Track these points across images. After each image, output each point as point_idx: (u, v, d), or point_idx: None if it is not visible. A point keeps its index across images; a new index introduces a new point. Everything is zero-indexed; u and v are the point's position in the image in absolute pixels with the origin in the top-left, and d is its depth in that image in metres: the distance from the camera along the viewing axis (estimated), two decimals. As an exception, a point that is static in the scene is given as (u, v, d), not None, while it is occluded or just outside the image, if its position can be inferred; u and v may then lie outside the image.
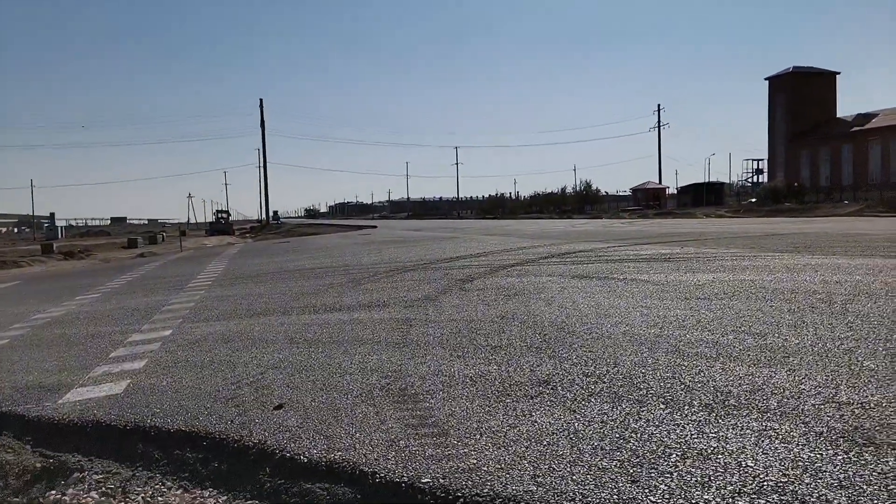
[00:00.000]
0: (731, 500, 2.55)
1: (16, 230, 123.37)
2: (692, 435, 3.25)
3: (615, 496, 2.65)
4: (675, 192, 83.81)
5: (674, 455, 3.01)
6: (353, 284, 10.95)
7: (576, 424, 3.51)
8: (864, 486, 2.59)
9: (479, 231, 31.91)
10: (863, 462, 2.81)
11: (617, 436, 3.30)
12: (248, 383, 4.87)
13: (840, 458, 2.87)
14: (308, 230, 53.69)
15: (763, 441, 3.10)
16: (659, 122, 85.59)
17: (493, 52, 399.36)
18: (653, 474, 2.82)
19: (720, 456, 2.97)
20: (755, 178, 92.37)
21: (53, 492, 3.52)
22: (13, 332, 8.51)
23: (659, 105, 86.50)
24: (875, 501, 2.48)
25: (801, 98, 77.80)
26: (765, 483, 2.67)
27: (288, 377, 4.97)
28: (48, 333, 8.19)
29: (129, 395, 4.84)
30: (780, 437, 3.14)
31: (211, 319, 8.28)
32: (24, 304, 12.00)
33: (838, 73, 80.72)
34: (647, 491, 2.67)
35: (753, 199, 67.09)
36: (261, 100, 71.80)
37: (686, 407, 3.69)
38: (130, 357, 6.18)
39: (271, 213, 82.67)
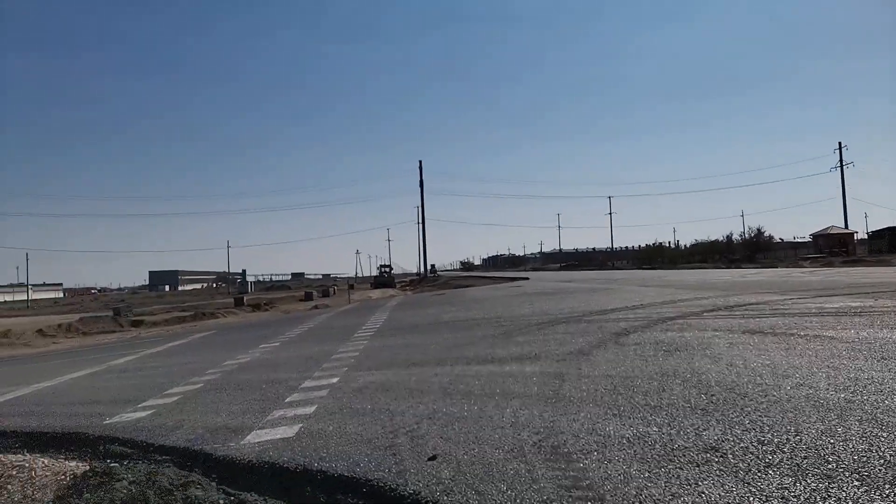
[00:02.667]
0: None
1: (214, 285, 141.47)
2: (897, 521, 2.78)
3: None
4: (866, 236, 74.01)
5: (874, 543, 2.59)
6: (505, 336, 10.98)
7: (751, 499, 3.17)
8: None
9: (635, 282, 30.56)
10: None
11: (800, 515, 2.92)
12: (404, 432, 5.04)
13: None
14: (462, 282, 55.06)
15: None
16: (841, 161, 76.82)
17: (643, 100, 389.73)
18: (847, 564, 2.45)
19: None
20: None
21: (235, 526, 3.87)
22: (208, 376, 9.63)
23: (840, 143, 77.83)
24: None
25: None
26: None
27: (441, 428, 5.07)
28: (235, 378, 9.15)
29: (300, 438, 5.23)
30: None
31: (373, 368, 8.73)
32: (218, 352, 13.56)
33: None
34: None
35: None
36: (420, 161, 76.35)
37: (887, 486, 3.17)
38: (303, 402, 6.70)
39: (428, 267, 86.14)
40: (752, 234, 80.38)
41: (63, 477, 5.23)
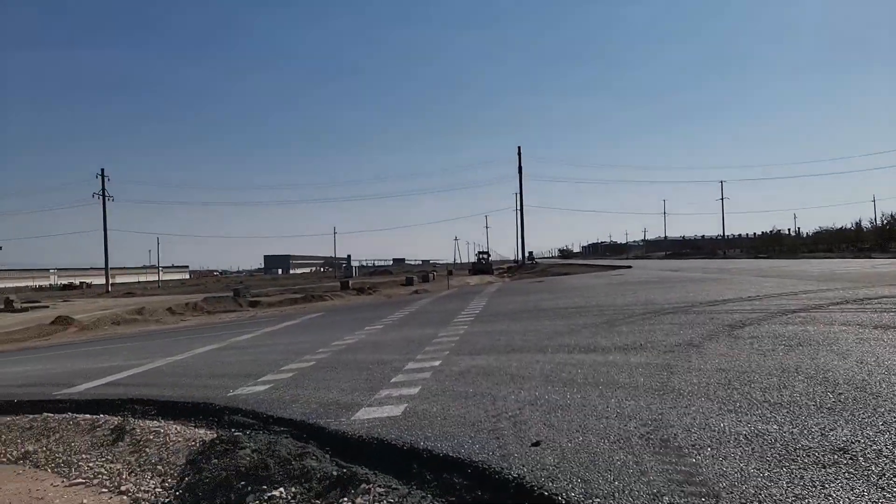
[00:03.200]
0: None
1: (321, 269, 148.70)
2: None
3: None
4: None
5: None
6: (608, 326, 10.71)
7: (886, 506, 2.92)
8: None
9: (750, 272, 28.73)
10: None
11: (947, 528, 2.66)
12: (507, 417, 5.07)
13: None
14: (561, 270, 54.24)
15: None
16: None
17: (756, 79, 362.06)
18: None
19: None
20: None
21: (345, 499, 4.07)
22: (319, 355, 10.16)
23: None
24: None
25: None
26: None
27: (544, 415, 5.05)
28: (344, 357, 9.58)
29: (406, 417, 5.40)
30: None
31: (473, 353, 8.84)
32: (327, 332, 14.26)
33: None
34: None
35: None
36: (519, 148, 75.63)
37: None
38: (408, 383, 6.91)
39: (526, 254, 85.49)
40: (886, 221, 73.05)
41: (193, 443, 5.73)
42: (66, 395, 8.39)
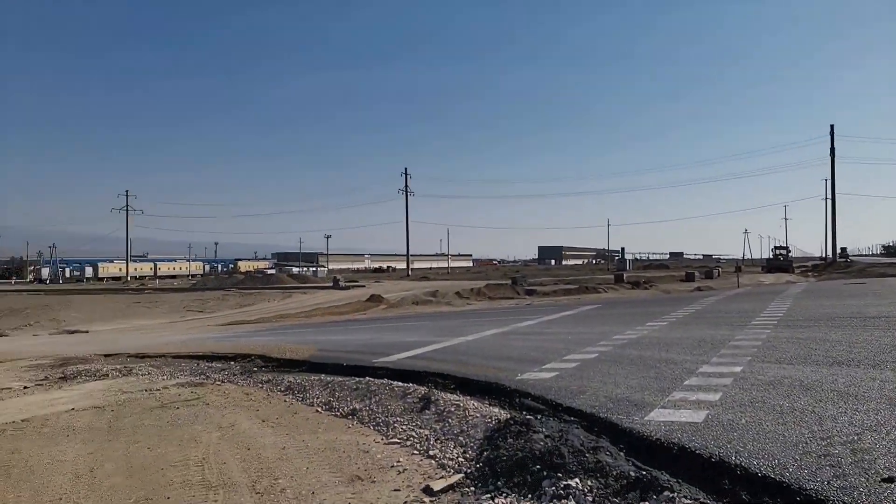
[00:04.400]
0: None
1: (594, 261, 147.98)
2: None
3: None
4: None
5: None
6: (976, 343, 8.38)
7: None
8: None
9: None
10: None
11: None
12: (841, 442, 4.26)
13: None
14: (888, 270, 44.68)
15: None
16: None
17: None
18: None
19: None
20: None
21: (646, 503, 3.84)
22: (600, 347, 9.98)
23: None
24: None
25: None
26: None
27: (892, 444, 4.11)
28: (627, 353, 9.23)
29: (708, 426, 4.92)
30: None
31: (783, 362, 7.72)
32: (606, 325, 13.99)
33: None
34: None
35: None
36: (831, 126, 64.29)
37: None
38: (704, 388, 6.32)
39: (837, 250, 72.42)
40: None
41: (489, 420, 6.06)
42: (382, 364, 9.68)
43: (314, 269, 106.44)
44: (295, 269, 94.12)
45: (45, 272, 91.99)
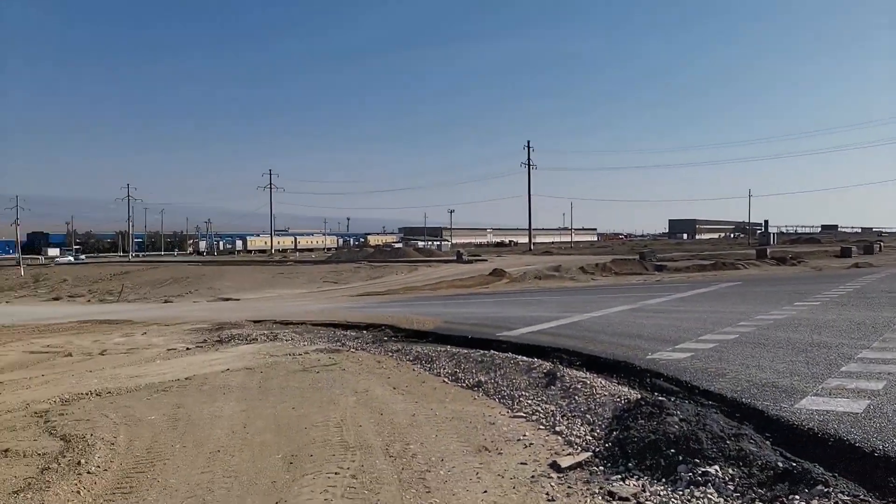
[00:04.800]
0: None
1: (731, 235, 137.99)
2: None
3: None
4: None
5: None
6: None
7: None
8: None
9: None
10: None
11: None
12: None
13: None
14: None
15: None
16: None
17: None
18: None
19: None
20: None
21: (796, 497, 3.54)
22: (741, 328, 9.31)
23: None
24: None
25: None
26: None
27: None
28: (772, 335, 8.54)
29: (869, 417, 4.44)
30: None
31: (964, 350, 6.76)
32: (747, 304, 13.02)
33: None
34: None
35: None
36: None
37: None
38: (865, 375, 5.71)
39: None
40: None
41: (618, 399, 5.88)
42: (506, 337, 9.72)
43: (438, 243, 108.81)
44: (420, 243, 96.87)
45: (203, 245, 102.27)
